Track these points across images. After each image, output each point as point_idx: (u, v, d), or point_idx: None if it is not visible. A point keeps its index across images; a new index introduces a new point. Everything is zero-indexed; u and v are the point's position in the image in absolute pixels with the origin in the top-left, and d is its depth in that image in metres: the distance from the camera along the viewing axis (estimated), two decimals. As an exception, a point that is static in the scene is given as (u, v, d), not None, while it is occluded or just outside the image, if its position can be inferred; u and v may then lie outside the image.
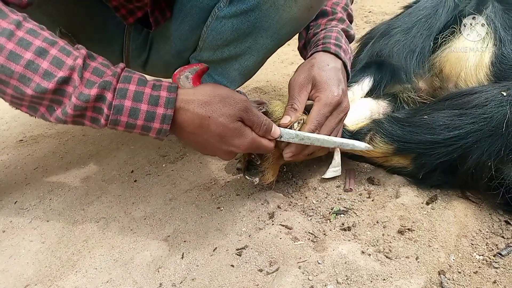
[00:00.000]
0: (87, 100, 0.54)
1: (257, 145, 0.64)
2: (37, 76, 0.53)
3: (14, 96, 0.54)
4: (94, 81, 0.55)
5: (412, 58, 1.01)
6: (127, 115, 0.57)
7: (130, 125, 0.58)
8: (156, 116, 0.57)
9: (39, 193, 0.85)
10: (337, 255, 0.63)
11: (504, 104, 0.73)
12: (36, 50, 0.52)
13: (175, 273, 0.63)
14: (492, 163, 0.70)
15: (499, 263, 0.61)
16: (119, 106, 0.56)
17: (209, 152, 0.66)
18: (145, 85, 0.58)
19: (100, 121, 0.57)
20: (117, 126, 0.58)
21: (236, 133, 0.61)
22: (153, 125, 0.58)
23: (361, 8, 2.08)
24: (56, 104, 0.56)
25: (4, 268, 0.67)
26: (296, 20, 0.75)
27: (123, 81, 0.57)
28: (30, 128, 1.15)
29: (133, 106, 0.56)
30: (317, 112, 0.69)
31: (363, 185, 0.81)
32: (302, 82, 0.72)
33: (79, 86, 0.54)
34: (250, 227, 0.71)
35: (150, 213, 0.77)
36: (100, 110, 0.56)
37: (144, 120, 0.57)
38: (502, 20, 0.96)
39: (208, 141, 0.62)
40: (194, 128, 0.60)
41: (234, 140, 0.61)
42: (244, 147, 0.62)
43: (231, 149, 0.63)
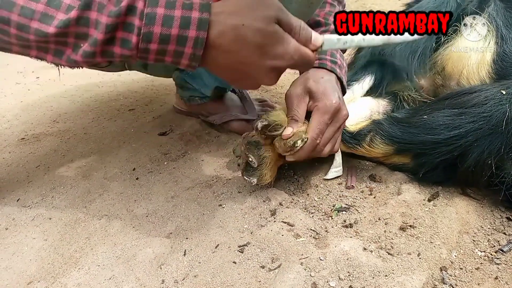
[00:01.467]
0: (119, 14, 0.49)
1: (301, 54, 0.56)
2: (60, 12, 0.49)
3: (38, 41, 0.51)
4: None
5: (414, 57, 1.01)
6: (160, 24, 0.51)
7: (163, 39, 0.51)
8: (192, 21, 0.51)
9: (41, 191, 0.85)
10: (339, 251, 0.63)
11: (503, 102, 0.73)
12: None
13: (177, 269, 0.64)
14: (492, 161, 0.71)
15: (501, 260, 0.62)
16: (152, 15, 0.51)
17: (250, 80, 0.58)
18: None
19: (131, 42, 0.51)
20: (150, 44, 0.52)
21: (276, 38, 0.53)
22: (189, 34, 0.51)
23: (362, 6, 2.08)
24: (81, 39, 0.51)
25: (7, 265, 0.67)
26: (296, 16, 0.75)
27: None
28: (32, 126, 1.15)
29: (167, 13, 0.51)
30: (318, 120, 0.70)
31: (364, 182, 0.81)
32: (299, 94, 0.72)
33: (108, 5, 0.50)
34: (252, 224, 0.72)
35: (152, 210, 0.77)
36: (131, 26, 0.51)
37: (179, 28, 0.51)
38: (504, 18, 0.97)
39: (247, 60, 0.54)
40: (229, 43, 0.53)
41: (277, 47, 0.54)
42: (289, 56, 0.55)
43: (274, 62, 0.55)
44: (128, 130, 1.08)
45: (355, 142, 0.83)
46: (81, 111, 1.23)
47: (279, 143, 0.70)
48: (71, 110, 1.24)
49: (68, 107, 1.26)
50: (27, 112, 1.25)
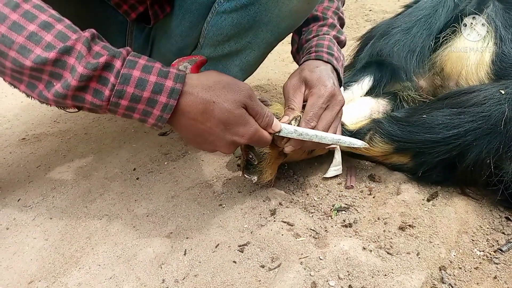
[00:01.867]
0: (95, 68, 0.52)
1: (259, 136, 0.62)
2: (38, 47, 0.51)
3: (14, 70, 0.52)
4: (102, 53, 0.53)
5: (412, 58, 1.02)
6: (134, 85, 0.54)
7: (134, 98, 0.55)
8: (165, 89, 0.55)
9: (42, 191, 0.85)
10: (339, 251, 0.63)
11: (502, 102, 0.73)
12: (41, 24, 0.51)
13: (177, 269, 0.64)
14: (491, 160, 0.71)
15: (500, 259, 0.62)
16: (127, 75, 0.54)
17: (208, 145, 0.64)
18: (154, 63, 0.57)
19: (104, 94, 0.54)
20: (121, 100, 0.55)
21: (241, 120, 0.60)
22: (160, 99, 0.55)
23: (361, 7, 2.09)
24: (55, 79, 0.53)
25: (8, 264, 0.67)
26: (296, 13, 0.75)
27: (133, 56, 0.56)
28: (33, 126, 1.15)
29: (142, 76, 0.55)
30: (312, 104, 0.70)
31: (364, 182, 0.82)
32: (295, 84, 0.74)
33: (87, 56, 0.52)
34: (252, 223, 0.72)
35: (153, 210, 0.77)
36: (106, 81, 0.54)
37: (151, 92, 0.55)
38: (502, 19, 0.97)
39: (210, 130, 0.60)
40: (197, 113, 0.58)
41: (238, 128, 0.60)
42: (248, 136, 0.61)
43: (234, 138, 0.61)
44: (128, 130, 1.09)
45: (355, 141, 0.83)
46: (81, 111, 1.23)
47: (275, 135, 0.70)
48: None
49: (68, 108, 1.26)
50: (28, 112, 1.25)
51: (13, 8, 0.51)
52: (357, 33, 1.59)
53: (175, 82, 0.56)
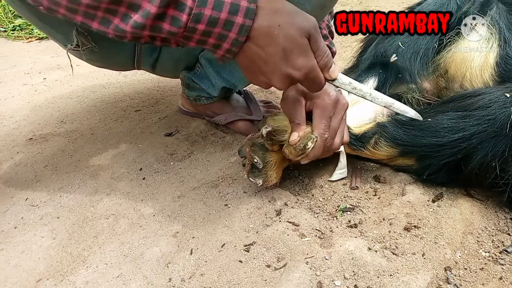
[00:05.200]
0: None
1: (315, 75, 0.59)
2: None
3: (89, 5, 0.51)
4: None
5: (416, 59, 1.02)
6: (211, 7, 0.52)
7: (212, 21, 0.53)
8: (240, 9, 0.53)
9: (49, 190, 0.86)
10: (344, 251, 0.64)
11: (507, 105, 0.74)
12: None
13: (184, 268, 0.64)
14: (496, 163, 0.71)
15: (505, 260, 0.62)
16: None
17: (263, 76, 0.60)
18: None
19: (181, 20, 0.52)
20: (198, 24, 0.53)
21: (302, 50, 0.56)
22: (236, 20, 0.53)
23: (365, 8, 2.09)
24: (132, 10, 0.52)
25: (17, 263, 0.68)
26: (320, 8, 0.75)
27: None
28: (40, 126, 1.16)
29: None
30: (320, 116, 0.70)
31: (369, 183, 0.82)
32: (293, 98, 0.72)
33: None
34: (258, 223, 0.72)
35: (159, 210, 0.78)
36: (183, 6, 0.52)
37: (228, 13, 0.53)
38: (506, 21, 0.97)
39: (270, 57, 0.56)
40: (260, 36, 0.55)
41: (298, 58, 0.57)
42: (305, 71, 0.58)
43: (290, 71, 0.57)
44: (134, 130, 1.10)
45: (360, 145, 0.83)
46: (88, 111, 1.24)
47: (289, 149, 0.70)
48: (78, 111, 1.25)
49: (75, 108, 1.27)
50: (35, 112, 1.26)
51: None
52: (360, 35, 1.59)
53: (249, 3, 0.54)
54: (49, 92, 1.42)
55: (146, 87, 1.42)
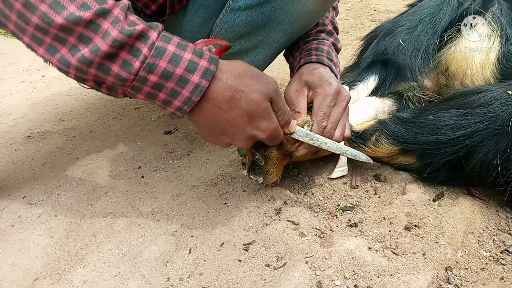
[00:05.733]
0: (130, 34, 0.49)
1: (277, 134, 0.60)
2: (73, 5, 0.47)
3: (38, 27, 0.48)
4: (137, 23, 0.50)
5: (417, 57, 1.01)
6: (167, 59, 0.51)
7: (166, 74, 0.52)
8: (199, 68, 0.52)
9: (47, 188, 0.86)
10: (344, 250, 0.63)
11: (509, 103, 0.73)
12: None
13: (182, 267, 0.64)
14: (498, 161, 0.70)
15: (506, 260, 0.61)
16: (161, 49, 0.51)
17: (225, 137, 0.60)
18: (188, 42, 0.55)
19: (133, 66, 0.50)
20: (150, 75, 0.51)
21: (265, 114, 0.57)
22: (192, 78, 0.53)
23: (366, 7, 2.08)
24: (83, 42, 0.49)
25: (14, 261, 0.68)
26: (311, 13, 0.75)
27: (167, 32, 0.53)
28: (38, 124, 1.16)
29: (176, 52, 0.52)
30: (319, 104, 0.69)
31: (369, 182, 0.81)
32: (296, 88, 0.73)
33: (122, 21, 0.49)
34: (257, 222, 0.72)
35: (158, 208, 0.77)
36: (138, 52, 0.50)
37: (184, 69, 0.52)
38: (508, 18, 0.96)
39: (233, 121, 0.57)
40: (222, 101, 0.55)
41: (262, 121, 0.58)
42: (269, 132, 0.59)
43: (254, 132, 0.59)
44: (133, 128, 1.09)
45: (361, 142, 0.83)
46: (86, 109, 1.23)
47: (286, 137, 0.69)
48: (77, 109, 1.24)
49: (73, 105, 1.27)
50: (33, 110, 1.25)
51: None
52: (362, 33, 1.58)
53: (209, 63, 0.53)
54: (48, 90, 1.41)
55: (145, 85, 1.41)
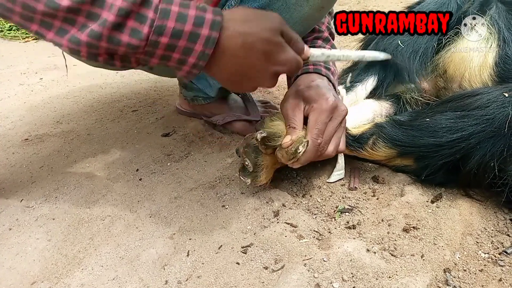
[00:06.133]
0: (134, 1, 0.49)
1: (297, 62, 0.61)
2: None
3: (46, 13, 0.48)
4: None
5: (415, 59, 1.01)
6: (174, 19, 0.51)
7: (176, 34, 0.52)
8: (206, 21, 0.53)
9: (44, 192, 0.85)
10: (343, 253, 0.63)
11: (506, 105, 0.73)
12: None
13: (180, 270, 0.64)
14: (495, 163, 0.71)
15: (505, 261, 0.62)
16: (166, 10, 0.51)
17: (250, 82, 0.61)
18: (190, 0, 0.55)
19: (142, 32, 0.50)
20: (161, 37, 0.51)
21: (281, 47, 0.58)
22: (202, 32, 0.53)
23: (364, 8, 2.09)
24: (92, 19, 0.49)
25: (11, 265, 0.67)
26: (307, 20, 0.76)
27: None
28: (35, 127, 1.15)
29: (181, 10, 0.52)
30: (315, 120, 0.69)
31: (367, 184, 0.81)
32: (292, 102, 0.72)
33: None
34: (255, 225, 0.72)
35: (156, 211, 0.77)
36: (144, 18, 0.50)
37: (192, 25, 0.52)
38: (506, 21, 0.97)
39: (252, 64, 0.57)
40: (236, 48, 0.56)
41: (280, 55, 0.58)
42: (289, 63, 0.60)
43: (276, 68, 0.59)
44: (131, 131, 1.09)
45: (358, 146, 0.83)
46: (84, 112, 1.23)
47: (281, 153, 0.69)
48: (75, 111, 1.24)
49: (71, 108, 1.27)
50: (31, 113, 1.25)
51: None
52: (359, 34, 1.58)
53: (214, 15, 0.54)
54: (46, 92, 1.41)
55: (143, 87, 1.41)
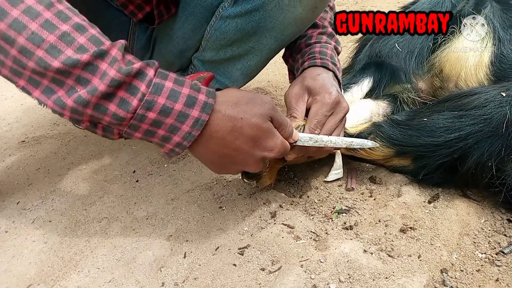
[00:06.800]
0: (128, 73, 0.49)
1: (285, 147, 0.61)
2: (70, 49, 0.47)
3: (35, 71, 0.48)
4: (134, 62, 0.51)
5: (411, 59, 1.02)
6: (166, 96, 0.51)
7: (165, 111, 0.51)
8: (198, 102, 0.52)
9: (41, 194, 0.85)
10: (339, 253, 0.63)
11: (503, 104, 0.73)
12: (75, 25, 0.48)
13: (177, 272, 0.63)
14: (492, 163, 0.71)
15: (502, 261, 0.62)
16: (159, 85, 0.51)
17: (236, 166, 0.61)
18: (184, 77, 0.56)
19: (131, 104, 0.50)
20: (149, 112, 0.51)
21: (269, 134, 0.58)
22: (192, 113, 0.52)
23: (361, 8, 2.09)
24: (81, 84, 0.49)
25: (7, 268, 0.67)
26: (301, 20, 0.76)
27: (163, 69, 0.54)
28: (32, 129, 1.15)
29: (174, 88, 0.52)
30: (315, 112, 0.70)
31: (365, 184, 0.81)
32: (297, 92, 0.73)
33: (120, 61, 0.49)
34: (252, 226, 0.72)
35: (152, 213, 0.77)
36: (135, 90, 0.50)
37: (183, 105, 0.52)
38: (500, 20, 0.97)
39: (240, 149, 0.57)
40: (225, 133, 0.55)
41: (268, 142, 0.59)
42: (277, 149, 0.60)
43: (264, 154, 0.59)
44: (128, 132, 1.09)
45: (355, 144, 0.83)
46: (81, 113, 1.23)
47: None
48: (71, 113, 1.24)
49: (68, 110, 1.26)
50: (28, 114, 1.25)
51: (47, 6, 0.47)
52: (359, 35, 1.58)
53: (207, 97, 0.54)
54: (43, 94, 1.40)
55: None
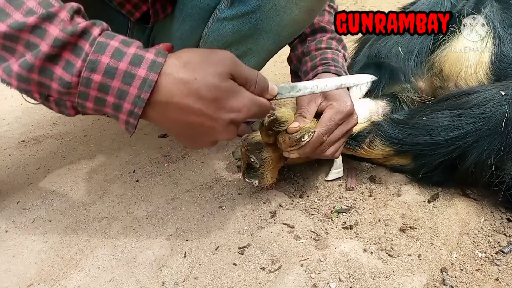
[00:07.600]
0: (73, 33, 0.46)
1: (258, 105, 0.54)
2: (18, 12, 0.45)
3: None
4: (81, 22, 0.48)
5: (411, 59, 1.02)
6: (110, 54, 0.47)
7: (109, 71, 0.47)
8: (144, 60, 0.48)
9: (41, 193, 0.85)
10: (339, 253, 0.63)
11: (503, 103, 0.73)
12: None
13: (177, 272, 0.64)
14: (492, 161, 0.71)
15: (501, 261, 0.62)
16: (103, 43, 0.47)
17: (206, 136, 0.55)
18: (134, 40, 0.51)
19: (75, 66, 0.46)
20: (93, 74, 0.47)
21: (231, 93, 0.51)
22: (138, 72, 0.48)
23: (361, 8, 2.09)
24: (30, 50, 0.46)
25: (7, 267, 0.67)
26: (297, 22, 0.76)
27: (112, 32, 0.50)
28: (32, 129, 1.15)
29: (119, 47, 0.48)
30: (329, 117, 0.69)
31: (364, 184, 0.81)
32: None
33: (66, 22, 0.46)
34: (252, 226, 0.72)
35: (152, 212, 0.77)
36: (80, 50, 0.47)
37: (128, 63, 0.47)
38: (500, 19, 0.97)
39: (203, 114, 0.51)
40: (181, 97, 0.49)
41: (232, 102, 0.52)
42: (246, 108, 0.53)
43: (231, 116, 0.52)
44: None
45: (355, 144, 0.83)
46: (81, 113, 1.23)
47: (284, 137, 0.68)
48: (71, 113, 1.24)
49: (68, 110, 1.26)
50: (27, 114, 1.25)
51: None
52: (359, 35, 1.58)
53: (156, 56, 0.49)
54: (42, 94, 1.40)
55: (140, 88, 1.41)
